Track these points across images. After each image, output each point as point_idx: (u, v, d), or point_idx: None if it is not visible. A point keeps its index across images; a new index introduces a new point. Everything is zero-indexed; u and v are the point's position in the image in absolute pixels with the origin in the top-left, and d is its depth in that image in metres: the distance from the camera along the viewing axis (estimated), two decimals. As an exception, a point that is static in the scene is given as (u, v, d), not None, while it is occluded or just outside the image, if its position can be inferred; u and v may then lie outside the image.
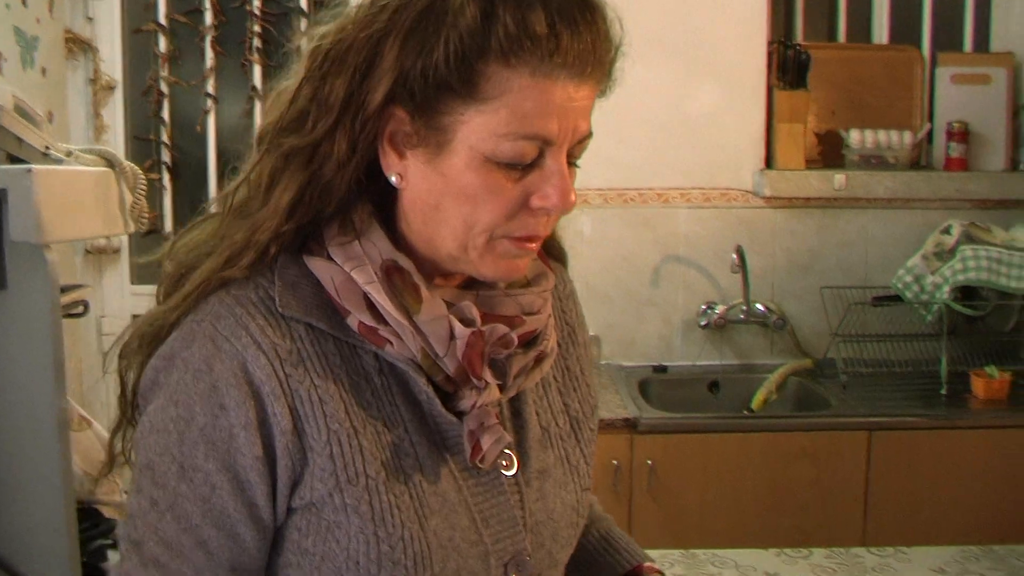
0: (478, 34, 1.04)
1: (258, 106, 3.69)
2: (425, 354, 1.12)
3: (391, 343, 1.12)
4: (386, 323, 1.11)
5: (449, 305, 1.14)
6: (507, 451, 1.19)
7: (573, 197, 1.10)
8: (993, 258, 3.40)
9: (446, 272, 1.17)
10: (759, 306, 3.67)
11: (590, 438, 1.32)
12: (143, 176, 2.05)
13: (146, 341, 1.17)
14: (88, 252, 3.68)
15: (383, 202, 1.16)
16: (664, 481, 3.10)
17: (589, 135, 1.12)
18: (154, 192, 3.62)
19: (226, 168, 1.20)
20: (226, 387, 1.08)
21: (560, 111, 1.07)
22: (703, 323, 3.69)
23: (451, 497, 1.15)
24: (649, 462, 3.08)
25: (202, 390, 1.08)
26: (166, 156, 3.71)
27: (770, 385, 3.45)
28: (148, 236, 3.62)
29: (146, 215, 2.09)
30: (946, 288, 3.41)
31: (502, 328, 1.15)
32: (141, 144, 3.71)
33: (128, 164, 2.00)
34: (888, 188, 3.63)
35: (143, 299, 3.67)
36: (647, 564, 1.43)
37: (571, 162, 1.13)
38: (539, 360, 1.22)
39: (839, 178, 3.61)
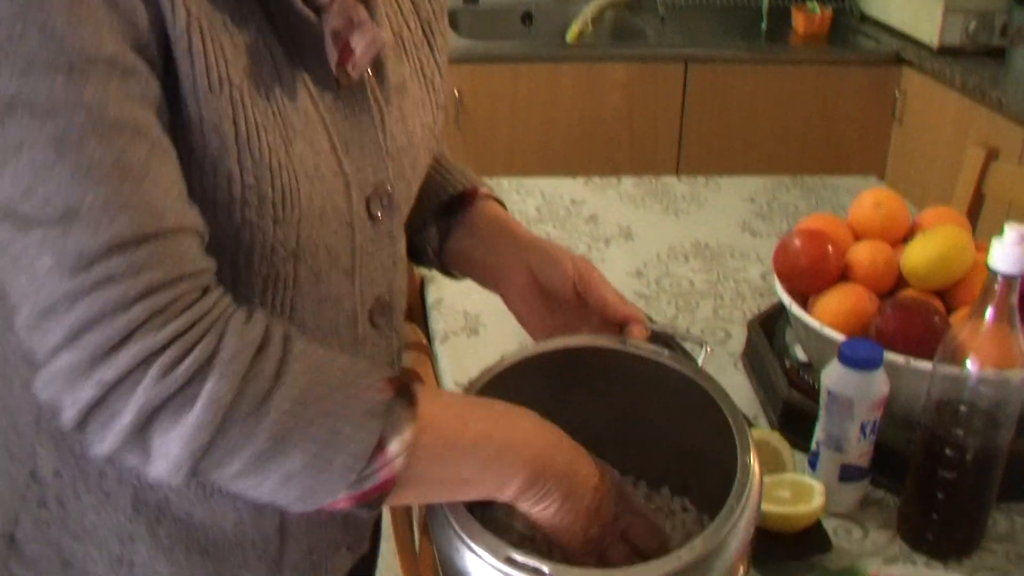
0: None
1: None
2: None
3: None
4: None
5: None
6: None
7: None
8: None
9: None
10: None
11: (442, 45, 1.11)
12: None
13: None
14: None
15: None
16: (471, 112, 2.99)
17: None
18: None
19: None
20: None
21: None
22: (518, -50, 3.49)
23: (311, 115, 0.91)
24: (456, 93, 2.94)
25: None
26: None
27: (586, 17, 3.35)
28: None
29: None
30: (773, -84, 3.28)
31: None
32: None
33: None
34: None
35: None
36: (482, 189, 1.24)
37: None
38: None
39: None
